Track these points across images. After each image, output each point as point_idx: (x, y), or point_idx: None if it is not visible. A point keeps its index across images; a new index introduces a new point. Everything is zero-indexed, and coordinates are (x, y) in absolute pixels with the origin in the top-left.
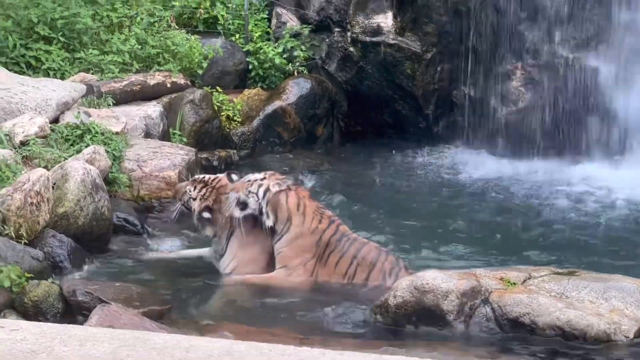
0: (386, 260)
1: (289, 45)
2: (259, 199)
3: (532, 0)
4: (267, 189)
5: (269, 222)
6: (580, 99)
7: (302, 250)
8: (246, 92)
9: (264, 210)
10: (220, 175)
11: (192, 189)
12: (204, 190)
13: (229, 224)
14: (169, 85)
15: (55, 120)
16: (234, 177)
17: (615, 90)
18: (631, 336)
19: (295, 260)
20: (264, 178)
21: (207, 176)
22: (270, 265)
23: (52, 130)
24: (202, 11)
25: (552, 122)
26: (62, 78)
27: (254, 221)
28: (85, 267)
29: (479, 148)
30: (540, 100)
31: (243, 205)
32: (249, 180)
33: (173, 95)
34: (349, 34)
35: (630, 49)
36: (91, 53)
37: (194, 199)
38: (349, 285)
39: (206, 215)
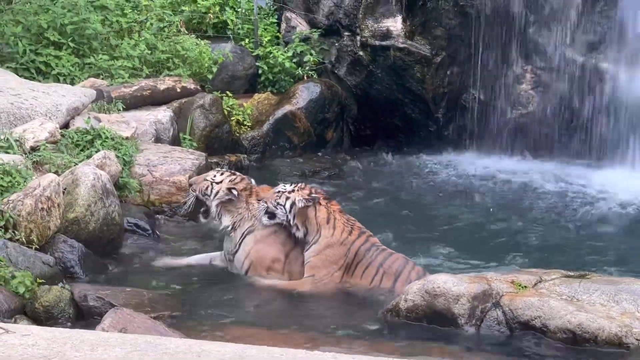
0: (412, 269)
1: (298, 50)
2: (286, 212)
3: (542, 3)
4: (293, 203)
5: (299, 234)
6: (590, 102)
7: (330, 260)
8: (256, 96)
9: (292, 222)
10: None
11: (217, 174)
12: (233, 177)
13: (249, 221)
14: (178, 90)
15: (65, 126)
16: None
17: (625, 93)
18: None
19: (323, 271)
20: (292, 191)
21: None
22: (286, 266)
23: (63, 135)
24: (211, 16)
25: (562, 125)
26: (72, 83)
27: (279, 224)
28: (96, 272)
29: (488, 151)
30: (550, 103)
31: (271, 215)
32: (278, 192)
33: (183, 100)
34: (358, 37)
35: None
36: (101, 58)
37: (218, 183)
38: (364, 289)
39: (233, 193)
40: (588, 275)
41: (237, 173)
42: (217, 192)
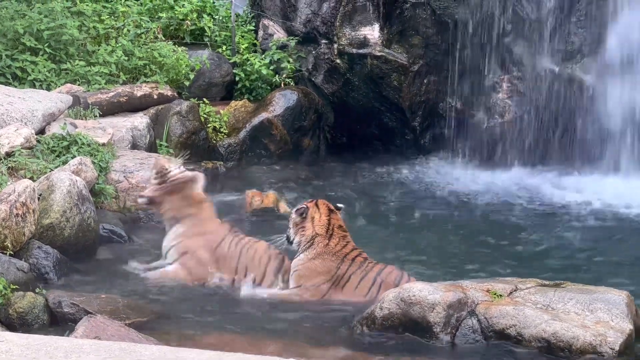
0: (409, 281)
1: (275, 57)
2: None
3: (518, 13)
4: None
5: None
6: (566, 111)
7: (319, 271)
8: (233, 103)
9: (292, 239)
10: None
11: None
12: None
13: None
14: (155, 96)
15: (41, 132)
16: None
17: (601, 103)
18: (617, 348)
19: (310, 281)
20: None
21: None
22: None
23: (38, 141)
24: (188, 23)
25: (538, 134)
26: (48, 89)
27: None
28: (71, 279)
29: (465, 159)
30: (526, 112)
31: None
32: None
33: (160, 107)
34: (335, 45)
35: (615, 62)
36: (77, 64)
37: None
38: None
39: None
40: (563, 284)
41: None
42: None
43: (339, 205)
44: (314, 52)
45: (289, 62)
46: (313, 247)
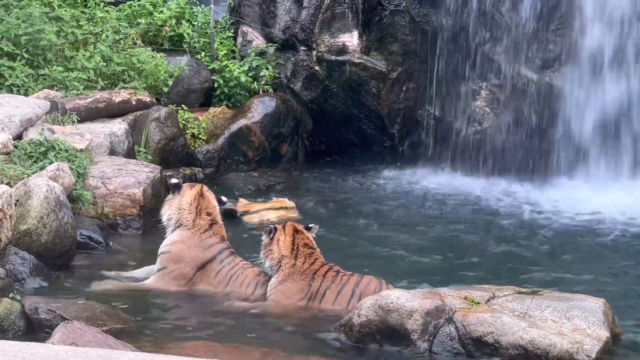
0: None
1: (254, 64)
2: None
3: (497, 21)
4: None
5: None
6: (544, 119)
7: (292, 291)
8: (211, 110)
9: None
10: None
11: None
12: None
13: None
14: (134, 102)
15: (18, 137)
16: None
17: (578, 110)
18: (593, 356)
19: (285, 303)
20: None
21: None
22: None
23: (15, 146)
24: (167, 29)
25: (516, 142)
26: (26, 94)
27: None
28: (48, 285)
29: (443, 167)
30: (505, 120)
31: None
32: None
33: (138, 113)
34: (314, 52)
35: (593, 69)
36: (55, 70)
37: None
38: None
39: None
40: (540, 291)
41: None
42: None
43: (311, 225)
44: (292, 58)
45: (267, 68)
46: (281, 269)
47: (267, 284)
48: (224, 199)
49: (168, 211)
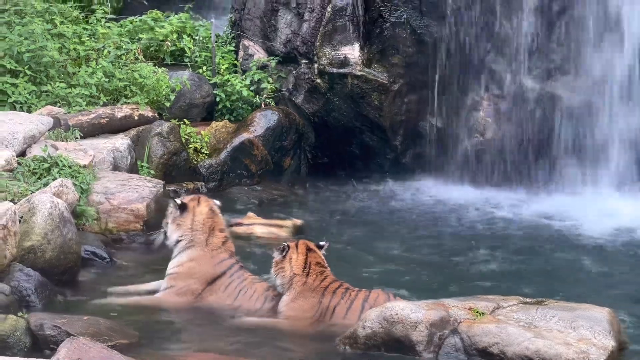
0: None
1: (256, 78)
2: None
3: (498, 32)
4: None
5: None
6: (546, 129)
7: (303, 309)
8: (214, 124)
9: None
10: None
11: None
12: None
13: None
14: (136, 118)
15: (22, 154)
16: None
17: (580, 120)
18: None
19: (296, 319)
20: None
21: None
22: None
23: (19, 163)
24: (169, 44)
25: (518, 153)
26: (29, 111)
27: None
28: (53, 301)
29: (446, 178)
30: (507, 131)
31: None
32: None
33: (141, 128)
34: (315, 65)
35: (595, 79)
36: (58, 86)
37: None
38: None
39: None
40: (545, 301)
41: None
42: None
43: (322, 243)
44: (294, 72)
45: (269, 82)
46: (292, 287)
47: (275, 299)
48: (217, 202)
49: (179, 232)
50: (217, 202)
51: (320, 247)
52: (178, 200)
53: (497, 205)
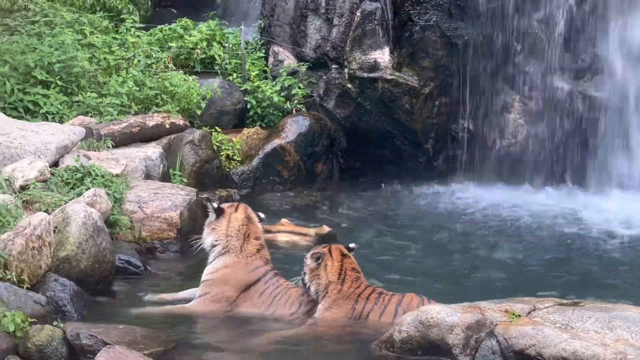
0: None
1: (286, 83)
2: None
3: (528, 32)
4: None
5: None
6: (578, 130)
7: (338, 318)
8: (245, 131)
9: (307, 284)
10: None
11: None
12: None
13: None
14: (167, 126)
15: (55, 164)
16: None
17: (613, 120)
18: None
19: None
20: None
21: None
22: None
23: (52, 174)
24: (199, 51)
25: (551, 154)
26: (61, 122)
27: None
28: (89, 310)
29: (478, 181)
30: (539, 132)
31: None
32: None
33: (172, 136)
34: (346, 70)
35: (625, 79)
36: (89, 96)
37: None
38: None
39: None
40: (581, 302)
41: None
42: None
43: (351, 245)
44: (324, 77)
45: (299, 87)
46: (328, 295)
47: (310, 304)
48: (261, 215)
49: (213, 237)
50: (262, 215)
51: (350, 250)
52: (215, 204)
53: (532, 207)
